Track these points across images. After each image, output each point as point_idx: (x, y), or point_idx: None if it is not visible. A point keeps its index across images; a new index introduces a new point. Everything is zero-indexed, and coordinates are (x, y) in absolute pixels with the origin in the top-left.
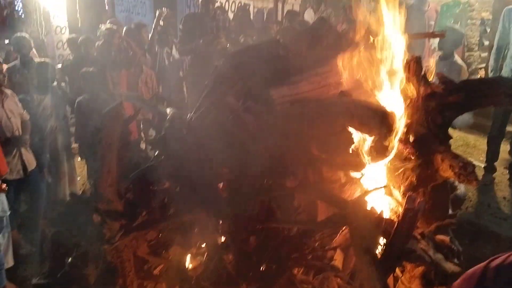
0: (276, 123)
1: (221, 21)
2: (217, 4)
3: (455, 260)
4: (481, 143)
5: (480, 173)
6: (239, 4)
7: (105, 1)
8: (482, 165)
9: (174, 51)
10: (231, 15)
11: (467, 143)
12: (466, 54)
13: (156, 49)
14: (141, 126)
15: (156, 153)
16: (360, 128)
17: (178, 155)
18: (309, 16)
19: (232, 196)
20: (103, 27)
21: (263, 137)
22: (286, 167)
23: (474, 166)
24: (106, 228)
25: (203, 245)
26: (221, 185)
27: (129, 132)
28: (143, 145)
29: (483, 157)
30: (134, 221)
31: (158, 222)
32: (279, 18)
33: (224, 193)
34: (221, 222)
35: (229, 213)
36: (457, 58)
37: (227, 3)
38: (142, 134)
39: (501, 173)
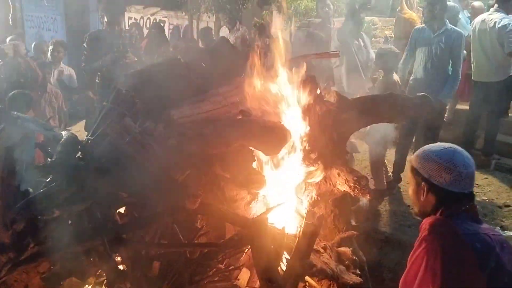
0: (175, 143)
1: (128, 38)
2: (132, 21)
3: (357, 271)
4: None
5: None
6: (154, 21)
7: (9, 18)
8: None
9: None
10: (146, 32)
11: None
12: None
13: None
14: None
15: (48, 180)
16: (259, 146)
17: (71, 181)
18: (224, 34)
19: (132, 222)
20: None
21: (162, 159)
22: (186, 188)
23: (367, 179)
24: None
25: (103, 274)
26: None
27: (15, 159)
28: None
29: None
30: (23, 253)
31: (49, 253)
32: (195, 35)
33: (123, 219)
34: (120, 249)
35: (128, 240)
36: (394, 76)
37: (142, 20)
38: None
39: (406, 183)
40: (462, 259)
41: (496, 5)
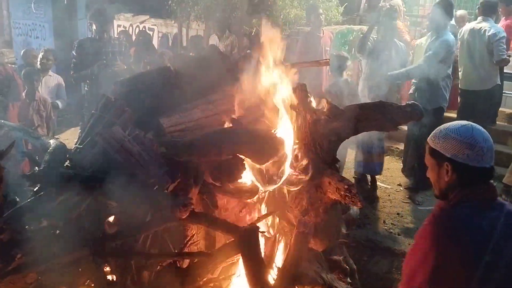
0: (165, 152)
1: (117, 46)
2: (121, 29)
3: (348, 280)
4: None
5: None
6: (143, 29)
7: None
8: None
9: None
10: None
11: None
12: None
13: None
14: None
15: (36, 189)
16: (251, 155)
17: (59, 190)
18: (214, 42)
19: (121, 231)
20: None
21: (151, 168)
22: (176, 197)
23: (357, 188)
24: None
25: (92, 285)
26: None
27: (1, 167)
28: None
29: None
30: (9, 264)
31: (36, 263)
32: (184, 43)
33: (112, 228)
34: (109, 259)
35: (117, 249)
36: (344, 77)
37: (131, 28)
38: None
39: (394, 190)
40: (453, 254)
41: (482, 15)
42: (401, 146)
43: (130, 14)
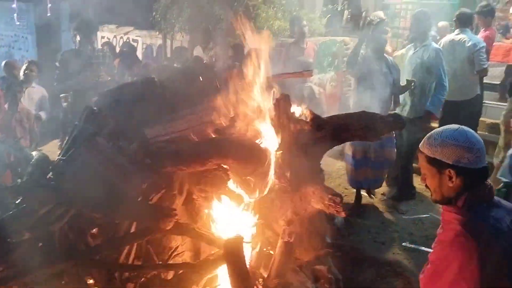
0: (150, 163)
1: (100, 57)
2: (105, 40)
3: None
4: None
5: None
6: (127, 40)
7: None
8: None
9: None
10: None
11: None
12: (345, 89)
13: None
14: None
15: (18, 201)
16: (235, 165)
17: (42, 202)
18: (198, 53)
19: (105, 243)
20: None
21: (135, 179)
22: (160, 208)
23: (342, 197)
24: None
25: None
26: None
27: None
28: None
29: None
30: None
31: (19, 276)
32: (168, 54)
33: (95, 240)
34: (92, 271)
35: (101, 261)
36: (309, 83)
37: (115, 39)
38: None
39: (378, 199)
40: (496, 258)
41: (459, 27)
42: None
43: (114, 25)
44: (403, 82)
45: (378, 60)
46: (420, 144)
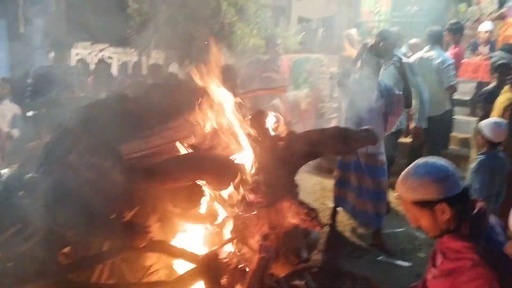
0: (123, 180)
1: (74, 74)
2: (79, 57)
3: None
4: None
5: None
6: (102, 57)
7: None
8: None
9: None
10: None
11: (324, 187)
12: (319, 105)
13: None
14: None
15: None
16: (210, 181)
17: (13, 221)
18: (174, 70)
19: (77, 262)
20: None
21: (109, 196)
22: (134, 225)
23: (317, 212)
24: None
25: None
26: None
27: None
28: None
29: None
30: None
31: None
32: (144, 71)
33: (66, 259)
34: None
35: (72, 281)
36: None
37: (89, 56)
38: None
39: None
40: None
41: (429, 44)
42: None
43: (89, 42)
44: None
45: (371, 84)
46: (397, 192)
